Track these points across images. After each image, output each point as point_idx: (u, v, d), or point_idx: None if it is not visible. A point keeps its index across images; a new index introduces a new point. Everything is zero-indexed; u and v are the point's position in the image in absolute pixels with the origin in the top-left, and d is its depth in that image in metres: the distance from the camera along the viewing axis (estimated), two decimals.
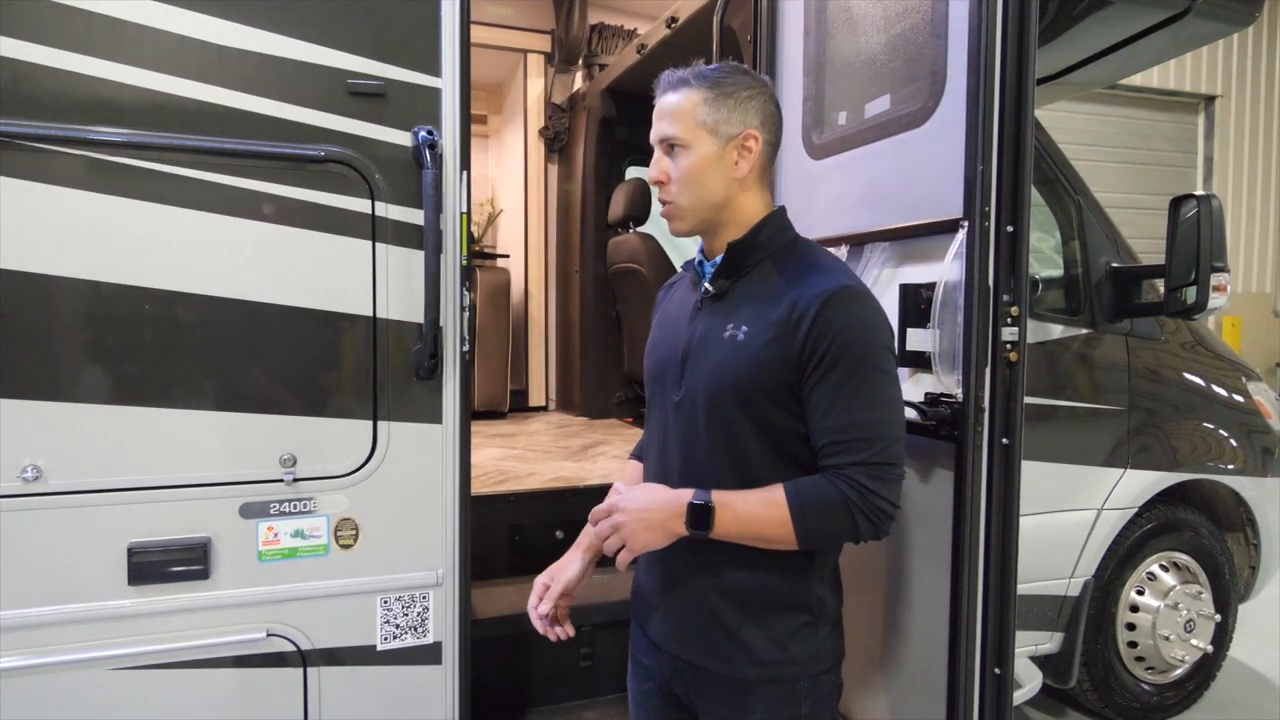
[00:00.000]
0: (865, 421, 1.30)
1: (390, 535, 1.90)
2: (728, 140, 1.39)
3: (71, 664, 1.71)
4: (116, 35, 1.67)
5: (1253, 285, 10.64)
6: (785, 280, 1.38)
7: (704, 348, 1.42)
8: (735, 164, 1.41)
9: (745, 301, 1.41)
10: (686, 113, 1.39)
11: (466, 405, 1.93)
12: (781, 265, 1.41)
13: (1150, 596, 3.03)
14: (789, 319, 1.32)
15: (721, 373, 1.37)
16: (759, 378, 1.34)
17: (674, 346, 1.48)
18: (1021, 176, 1.65)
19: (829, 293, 1.31)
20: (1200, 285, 2.43)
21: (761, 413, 1.35)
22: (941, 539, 1.75)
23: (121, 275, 1.69)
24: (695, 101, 1.39)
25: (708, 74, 1.41)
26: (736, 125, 1.40)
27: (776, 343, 1.33)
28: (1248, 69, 10.38)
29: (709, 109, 1.39)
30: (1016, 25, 1.63)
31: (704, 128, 1.39)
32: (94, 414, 1.69)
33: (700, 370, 1.41)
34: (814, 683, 1.42)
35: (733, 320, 1.39)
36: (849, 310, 1.31)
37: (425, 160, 1.81)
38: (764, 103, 1.42)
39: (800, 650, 1.40)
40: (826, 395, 1.31)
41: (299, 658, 1.85)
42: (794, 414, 1.35)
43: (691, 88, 1.40)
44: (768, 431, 1.36)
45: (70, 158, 1.65)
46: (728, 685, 1.41)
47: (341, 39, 1.80)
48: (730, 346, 1.37)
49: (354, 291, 1.84)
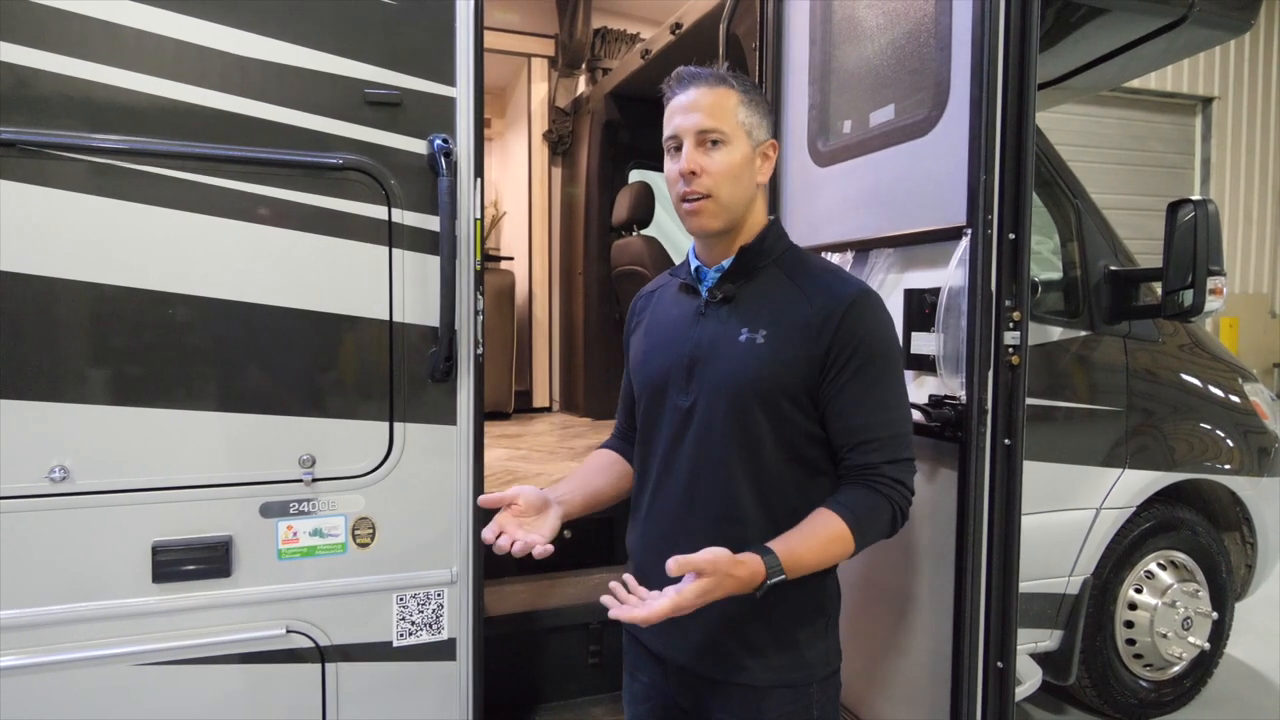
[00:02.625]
0: (892, 420, 1.38)
1: (406, 534, 1.94)
2: (757, 144, 1.44)
3: (98, 660, 1.75)
4: (157, 51, 1.72)
5: (1250, 286, 10.69)
6: (801, 286, 1.42)
7: (717, 351, 1.42)
8: (759, 167, 1.45)
9: (760, 305, 1.42)
10: (729, 110, 1.40)
11: (480, 407, 1.97)
12: (789, 270, 1.44)
13: (1148, 594, 3.07)
14: (813, 321, 1.37)
15: (743, 374, 1.38)
16: (783, 379, 1.37)
17: (676, 354, 1.47)
18: (1023, 185, 1.70)
19: (853, 297, 1.37)
20: (1197, 288, 2.47)
21: (781, 412, 1.38)
22: (946, 537, 1.79)
23: (147, 281, 1.73)
24: (736, 101, 1.41)
25: (739, 78, 1.44)
26: (764, 132, 1.45)
27: (802, 345, 1.37)
28: (1245, 71, 10.43)
29: (747, 111, 1.42)
30: (1018, 39, 1.68)
31: (742, 128, 1.41)
32: (119, 416, 1.73)
33: (716, 373, 1.41)
34: (823, 685, 1.44)
35: (748, 324, 1.41)
36: (873, 315, 1.38)
37: (440, 168, 1.85)
38: (773, 120, 1.50)
39: (811, 653, 1.42)
40: (856, 394, 1.36)
41: (317, 654, 1.89)
42: (809, 414, 1.39)
43: (730, 87, 1.41)
44: (783, 430, 1.39)
45: (116, 169, 1.70)
46: (741, 694, 1.41)
47: (359, 50, 1.84)
48: (750, 349, 1.39)
49: (371, 296, 1.88)
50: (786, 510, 1.38)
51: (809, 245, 2.32)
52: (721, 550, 1.22)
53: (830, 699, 1.45)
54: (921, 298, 1.86)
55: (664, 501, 1.48)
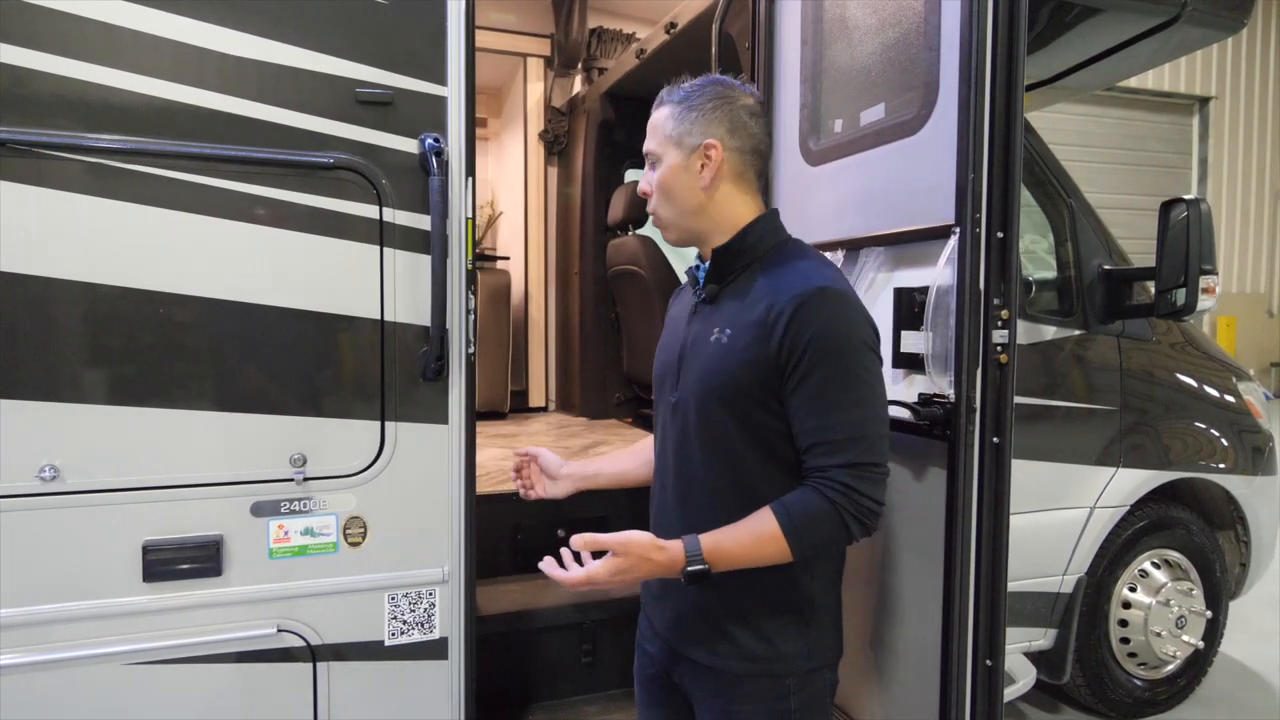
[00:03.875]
0: (848, 421, 1.33)
1: (398, 533, 1.95)
2: (690, 151, 1.45)
3: (88, 659, 1.75)
4: (148, 50, 1.72)
5: (1247, 286, 10.70)
6: (765, 282, 1.42)
7: (696, 351, 1.48)
8: (699, 172, 1.45)
9: (733, 305, 1.45)
10: (658, 128, 1.49)
11: (472, 406, 1.98)
12: (767, 268, 1.45)
13: (1142, 593, 3.07)
14: (765, 320, 1.36)
15: (708, 375, 1.42)
16: (740, 380, 1.38)
17: (673, 350, 1.55)
18: (1011, 184, 1.70)
19: (804, 294, 1.33)
20: (1189, 287, 2.47)
21: (746, 413, 1.39)
22: (934, 535, 1.79)
23: (137, 280, 1.73)
24: (665, 116, 1.48)
25: (682, 89, 1.49)
26: (698, 136, 1.45)
27: (755, 345, 1.36)
28: (1242, 71, 10.44)
29: (674, 122, 1.46)
30: (1006, 39, 1.68)
31: (670, 140, 1.47)
32: (110, 415, 1.73)
33: (691, 373, 1.47)
34: (804, 679, 1.45)
35: (720, 324, 1.44)
36: (825, 311, 1.33)
37: (432, 167, 1.85)
38: (729, 112, 1.46)
39: (789, 647, 1.43)
40: (809, 396, 1.34)
41: (308, 653, 1.89)
42: (777, 415, 1.38)
43: (664, 105, 1.49)
44: (754, 432, 1.39)
45: (105, 168, 1.70)
46: (718, 677, 1.46)
47: (350, 49, 1.84)
48: (716, 349, 1.43)
49: (362, 295, 1.88)
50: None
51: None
52: (641, 534, 1.32)
53: (814, 694, 1.46)
54: (911, 296, 1.86)
55: (662, 493, 1.56)
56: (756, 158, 1.50)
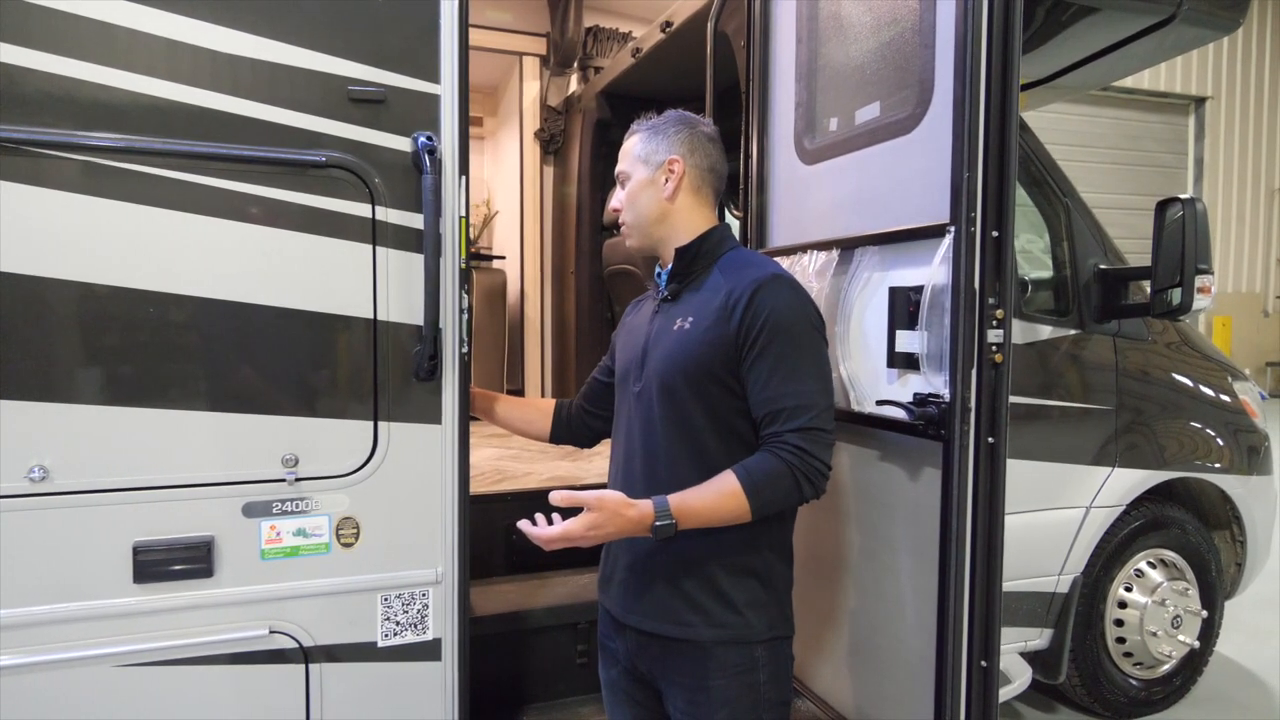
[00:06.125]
0: (798, 391, 1.49)
1: (391, 534, 1.93)
2: (656, 167, 1.67)
3: (78, 661, 1.73)
4: (140, 48, 1.70)
5: (1243, 285, 10.73)
6: (723, 277, 1.60)
7: (659, 341, 1.63)
8: (664, 185, 1.66)
9: (694, 298, 1.63)
10: (628, 151, 1.72)
11: (465, 406, 1.97)
12: (724, 267, 1.64)
13: (1138, 593, 3.07)
14: (726, 304, 1.53)
15: (672, 359, 1.58)
16: (703, 359, 1.54)
17: (637, 346, 1.70)
18: (1006, 183, 1.70)
19: (761, 280, 1.52)
20: (1185, 287, 2.48)
21: (708, 391, 1.54)
22: (929, 535, 1.79)
23: (127, 279, 1.72)
24: (635, 141, 1.72)
25: (650, 121, 1.72)
26: (662, 154, 1.67)
27: (716, 326, 1.53)
28: (1238, 71, 10.47)
29: (642, 144, 1.69)
30: (1001, 38, 1.68)
31: (639, 160, 1.69)
32: (100, 415, 1.72)
33: (654, 361, 1.62)
34: (770, 649, 1.55)
35: (681, 315, 1.61)
36: (780, 295, 1.52)
37: (425, 165, 1.84)
38: (691, 134, 1.68)
39: (754, 615, 1.54)
40: (764, 370, 1.50)
41: (301, 654, 1.88)
42: (736, 393, 1.54)
43: (634, 134, 1.72)
44: (715, 409, 1.55)
45: (97, 166, 1.69)
46: (688, 650, 1.54)
47: (343, 46, 1.83)
48: (679, 335, 1.59)
49: (355, 294, 1.87)
50: None
51: (796, 242, 2.32)
52: (614, 492, 1.48)
53: (778, 666, 1.56)
54: (906, 295, 1.86)
55: (629, 482, 1.65)
56: (713, 176, 1.70)
